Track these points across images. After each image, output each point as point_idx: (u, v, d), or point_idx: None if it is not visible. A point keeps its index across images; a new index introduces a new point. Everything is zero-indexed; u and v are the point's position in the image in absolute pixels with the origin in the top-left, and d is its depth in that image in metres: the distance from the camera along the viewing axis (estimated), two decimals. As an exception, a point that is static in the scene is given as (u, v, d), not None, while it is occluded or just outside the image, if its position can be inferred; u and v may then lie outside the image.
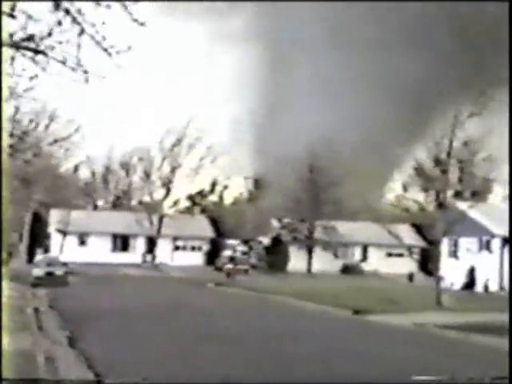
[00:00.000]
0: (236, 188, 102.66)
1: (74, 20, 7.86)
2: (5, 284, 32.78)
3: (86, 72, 8.33)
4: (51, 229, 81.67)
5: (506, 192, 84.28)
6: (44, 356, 16.12)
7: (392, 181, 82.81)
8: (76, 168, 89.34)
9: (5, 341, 16.06)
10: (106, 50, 7.99)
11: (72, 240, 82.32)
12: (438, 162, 51.80)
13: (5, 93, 8.12)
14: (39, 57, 9.04)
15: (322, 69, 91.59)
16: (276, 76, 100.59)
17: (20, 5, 8.02)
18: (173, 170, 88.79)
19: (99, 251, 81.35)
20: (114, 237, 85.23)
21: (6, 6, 7.65)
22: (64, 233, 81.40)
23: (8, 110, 27.37)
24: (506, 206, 71.59)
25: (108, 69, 8.53)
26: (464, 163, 58.95)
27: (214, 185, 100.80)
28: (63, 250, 79.03)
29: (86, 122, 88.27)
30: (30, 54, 9.12)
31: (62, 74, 8.86)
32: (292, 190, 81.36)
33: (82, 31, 7.93)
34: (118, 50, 8.09)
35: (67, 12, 7.80)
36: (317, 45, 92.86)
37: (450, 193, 57.52)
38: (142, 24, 7.64)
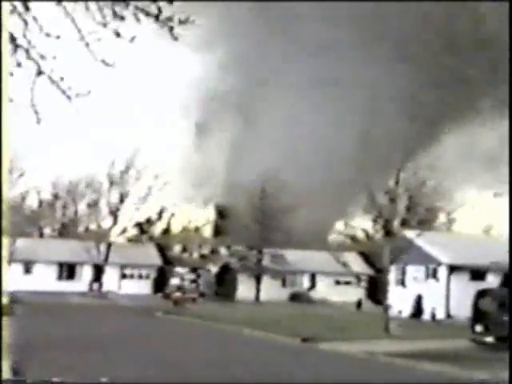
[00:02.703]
0: (184, 216, 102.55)
1: (29, 57, 7.59)
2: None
3: (36, 112, 8.00)
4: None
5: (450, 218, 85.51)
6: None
7: (344, 210, 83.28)
8: (22, 196, 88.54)
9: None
10: (64, 92, 7.70)
11: (17, 268, 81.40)
12: (387, 190, 52.33)
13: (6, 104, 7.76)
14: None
15: (284, 99, 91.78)
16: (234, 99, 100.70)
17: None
18: (121, 198, 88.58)
19: (45, 279, 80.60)
20: (61, 265, 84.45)
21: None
22: (9, 261, 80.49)
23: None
24: (451, 235, 72.52)
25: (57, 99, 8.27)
26: (412, 192, 59.70)
27: (161, 213, 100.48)
28: (8, 278, 78.12)
29: (33, 150, 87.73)
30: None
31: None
32: (242, 217, 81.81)
33: (40, 72, 7.62)
34: (78, 93, 7.79)
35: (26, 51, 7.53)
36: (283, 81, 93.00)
37: (397, 221, 58.17)
38: (107, 65, 7.42)
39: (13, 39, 7.46)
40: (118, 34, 7.26)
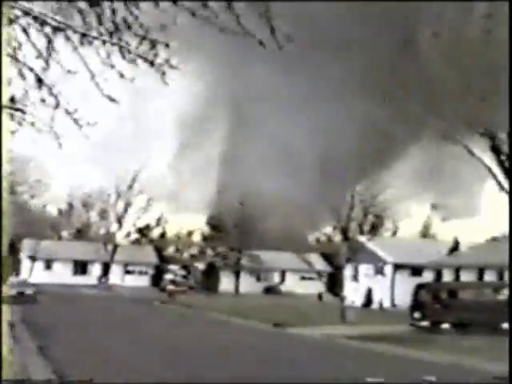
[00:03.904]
0: (178, 223, 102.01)
1: (51, 94, 7.73)
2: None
3: (57, 137, 8.12)
4: (23, 255, 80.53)
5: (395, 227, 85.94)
6: (18, 362, 15.96)
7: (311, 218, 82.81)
8: (44, 205, 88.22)
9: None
10: (76, 121, 7.84)
11: (40, 265, 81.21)
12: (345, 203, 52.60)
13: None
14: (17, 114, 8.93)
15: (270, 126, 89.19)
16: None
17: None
18: (125, 208, 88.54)
19: (62, 274, 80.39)
20: (75, 262, 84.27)
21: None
22: (33, 258, 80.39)
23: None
24: (395, 239, 72.90)
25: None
26: (365, 203, 60.20)
27: (158, 220, 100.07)
28: (32, 273, 77.80)
29: (54, 167, 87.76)
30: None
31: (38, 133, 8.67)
32: (225, 225, 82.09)
33: (58, 105, 7.76)
34: (88, 122, 7.93)
35: (40, 83, 7.67)
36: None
37: (353, 227, 58.54)
38: (113, 100, 7.56)
39: (39, 80, 7.62)
40: (121, 75, 7.38)
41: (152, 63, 7.35)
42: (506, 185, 29.44)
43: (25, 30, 7.30)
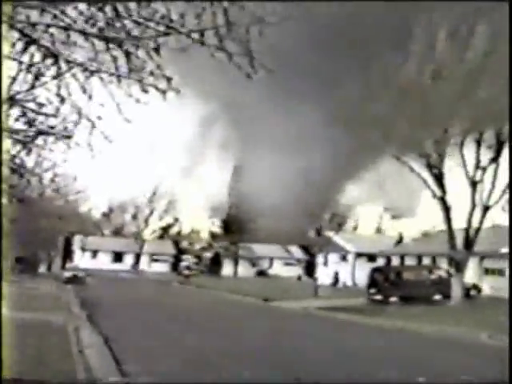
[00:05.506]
0: (190, 224, 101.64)
1: (89, 120, 7.72)
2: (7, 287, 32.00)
3: (92, 150, 8.10)
4: (75, 247, 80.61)
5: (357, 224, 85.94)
6: (72, 327, 16.11)
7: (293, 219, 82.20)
8: (90, 210, 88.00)
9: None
10: (106, 137, 7.81)
11: (88, 255, 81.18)
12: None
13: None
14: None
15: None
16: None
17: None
18: (151, 212, 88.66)
19: (104, 262, 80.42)
20: (114, 253, 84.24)
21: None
22: (83, 250, 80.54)
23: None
24: (355, 234, 73.07)
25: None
26: (333, 209, 60.45)
27: (176, 221, 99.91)
28: (82, 260, 77.83)
29: (95, 180, 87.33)
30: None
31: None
32: (227, 224, 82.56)
33: (93, 127, 7.74)
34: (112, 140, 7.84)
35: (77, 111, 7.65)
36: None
37: (324, 225, 58.63)
38: (128, 121, 7.46)
39: (79, 112, 7.63)
40: (137, 101, 7.22)
41: (164, 92, 7.10)
42: (438, 192, 29.79)
43: (74, 76, 7.21)
